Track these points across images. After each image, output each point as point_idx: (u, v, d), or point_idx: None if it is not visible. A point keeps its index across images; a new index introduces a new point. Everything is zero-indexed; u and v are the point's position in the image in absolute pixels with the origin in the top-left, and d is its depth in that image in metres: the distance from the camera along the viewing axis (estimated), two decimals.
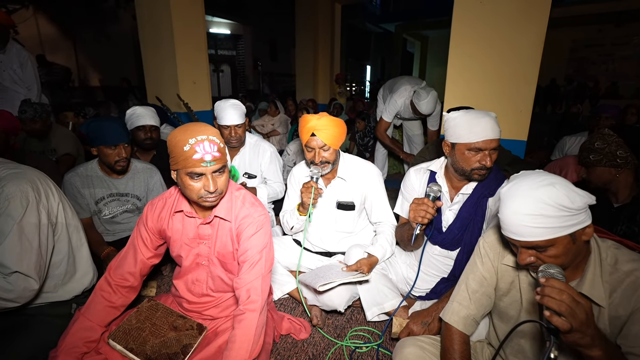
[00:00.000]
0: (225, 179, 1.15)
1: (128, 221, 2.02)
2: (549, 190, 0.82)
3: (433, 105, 2.98)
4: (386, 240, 1.75)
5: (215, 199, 1.14)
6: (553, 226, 0.82)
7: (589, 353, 0.77)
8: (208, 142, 1.06)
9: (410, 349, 1.15)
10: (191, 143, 1.04)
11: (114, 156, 1.80)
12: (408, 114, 3.29)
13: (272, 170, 2.38)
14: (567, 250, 0.86)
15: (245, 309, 1.13)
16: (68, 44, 8.41)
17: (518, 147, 2.38)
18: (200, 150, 1.04)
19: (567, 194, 0.81)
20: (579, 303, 0.75)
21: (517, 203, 0.86)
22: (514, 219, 0.86)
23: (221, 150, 1.10)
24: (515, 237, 0.89)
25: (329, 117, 1.65)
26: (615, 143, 1.57)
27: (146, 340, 1.23)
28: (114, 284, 1.28)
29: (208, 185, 1.08)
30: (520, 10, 2.24)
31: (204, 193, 1.10)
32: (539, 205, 0.82)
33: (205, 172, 1.07)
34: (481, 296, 1.11)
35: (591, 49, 11.83)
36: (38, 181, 1.29)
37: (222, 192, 1.14)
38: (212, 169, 1.08)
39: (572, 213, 0.81)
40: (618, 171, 1.60)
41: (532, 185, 0.85)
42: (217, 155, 1.08)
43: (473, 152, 1.39)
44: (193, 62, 3.91)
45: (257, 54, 12.35)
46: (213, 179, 1.09)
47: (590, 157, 1.63)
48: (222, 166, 1.11)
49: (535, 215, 0.83)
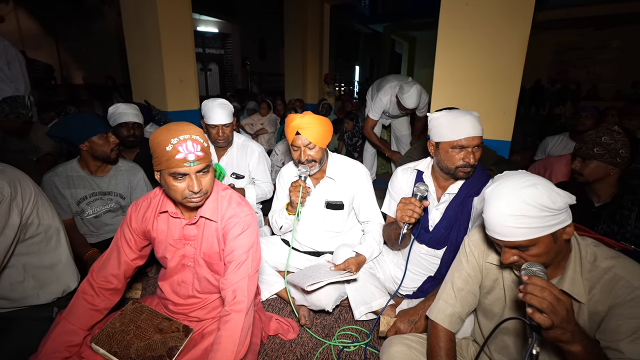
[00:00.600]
0: (210, 179, 1.13)
1: (112, 222, 1.98)
2: (531, 191, 0.84)
3: (416, 99, 2.98)
4: (374, 239, 1.76)
5: (200, 199, 1.12)
6: (535, 226, 0.84)
7: (569, 348, 0.80)
8: (191, 141, 1.04)
9: (397, 347, 1.16)
10: (173, 143, 1.02)
11: (108, 145, 1.80)
12: (395, 110, 3.30)
13: (260, 170, 2.37)
14: (549, 249, 0.88)
15: (231, 309, 1.11)
16: (50, 41, 8.19)
17: (502, 147, 2.43)
18: (183, 150, 1.02)
19: (548, 195, 0.83)
20: (560, 300, 0.77)
21: (500, 204, 0.87)
22: (497, 219, 0.88)
23: (205, 149, 1.08)
24: (498, 237, 0.90)
25: (313, 115, 1.66)
26: (621, 142, 1.56)
27: (130, 344, 1.21)
28: (96, 287, 1.25)
29: (192, 185, 1.06)
30: (504, 14, 2.28)
31: (189, 193, 1.08)
32: (521, 206, 0.84)
33: (189, 172, 1.06)
34: (466, 294, 1.13)
35: (573, 52, 12.16)
36: (17, 180, 1.25)
37: (207, 192, 1.13)
38: (196, 168, 1.06)
39: (553, 213, 0.83)
40: (613, 169, 1.60)
41: (515, 186, 0.87)
42: (201, 154, 1.06)
43: (457, 150, 1.41)
44: (180, 60, 3.84)
45: (245, 53, 12.28)
46: (197, 179, 1.08)
47: (595, 149, 1.59)
48: (206, 166, 1.09)
49: (518, 215, 0.84)
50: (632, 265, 0.89)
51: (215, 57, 12.19)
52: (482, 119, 1.46)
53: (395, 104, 3.22)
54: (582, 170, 1.65)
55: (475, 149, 1.41)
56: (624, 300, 0.86)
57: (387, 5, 14.19)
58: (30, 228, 1.31)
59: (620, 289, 0.87)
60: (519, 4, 2.24)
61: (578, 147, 1.68)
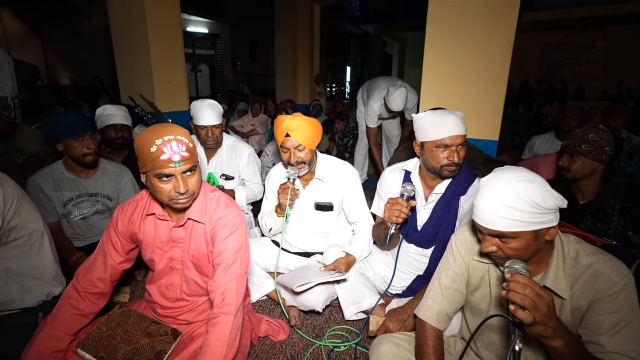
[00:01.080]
0: (197, 180, 1.12)
1: (100, 224, 1.95)
2: (526, 185, 0.86)
3: (401, 101, 3.01)
4: (363, 239, 1.77)
5: (187, 201, 1.11)
6: (521, 220, 0.86)
7: (551, 343, 0.81)
8: (175, 142, 1.03)
9: (386, 346, 1.17)
10: (158, 144, 1.01)
11: (81, 148, 1.74)
12: (386, 113, 3.34)
13: (250, 172, 2.36)
14: (528, 245, 0.90)
15: (220, 312, 1.11)
16: (36, 41, 8.04)
17: (490, 147, 2.46)
18: (168, 151, 1.02)
19: (541, 193, 0.85)
20: (541, 297, 0.78)
21: (494, 192, 0.89)
22: (487, 206, 0.90)
23: (190, 150, 1.07)
24: (483, 224, 0.92)
25: (303, 117, 1.66)
26: (606, 139, 1.60)
27: (117, 348, 1.19)
28: (82, 291, 1.23)
29: (178, 186, 1.05)
30: (490, 15, 2.31)
31: (175, 195, 1.07)
32: (513, 198, 0.86)
33: (175, 173, 1.05)
34: (453, 292, 1.15)
35: (559, 52, 12.39)
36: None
37: (194, 193, 1.12)
38: (182, 169, 1.05)
39: (541, 211, 0.85)
40: (599, 166, 1.63)
41: (512, 178, 0.89)
42: (186, 155, 1.05)
43: (441, 149, 1.43)
44: (169, 60, 3.81)
45: (236, 54, 12.20)
46: (183, 180, 1.07)
47: (583, 146, 1.63)
48: (192, 166, 1.09)
49: (507, 206, 0.86)
50: (612, 261, 0.91)
51: (206, 58, 12.09)
52: (470, 118, 1.48)
53: (384, 107, 3.26)
54: (570, 167, 1.67)
55: (460, 147, 1.43)
56: (604, 296, 0.88)
57: (377, 6, 14.26)
58: (13, 232, 1.29)
59: (600, 284, 0.89)
60: (504, 5, 2.27)
61: (566, 144, 1.70)
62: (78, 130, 1.72)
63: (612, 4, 9.94)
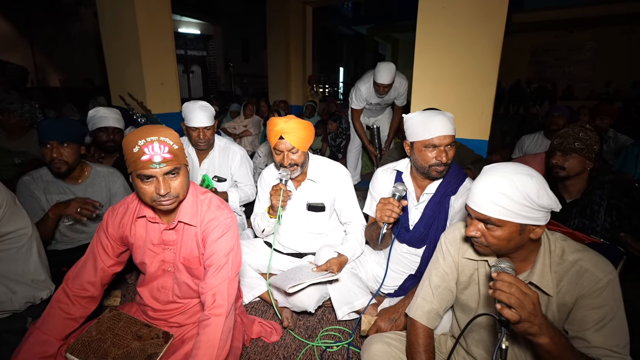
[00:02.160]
0: (182, 182, 1.11)
1: (88, 230, 1.92)
2: (525, 178, 0.88)
3: (389, 73, 2.99)
4: (356, 239, 1.78)
5: (170, 203, 1.10)
6: (511, 210, 0.88)
7: (537, 340, 0.82)
8: (158, 143, 1.03)
9: (377, 346, 1.18)
10: (140, 144, 1.01)
11: (47, 156, 1.65)
12: (375, 98, 3.29)
13: (242, 173, 2.35)
14: (511, 238, 0.91)
15: (211, 313, 1.10)
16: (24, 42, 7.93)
17: (480, 146, 2.49)
18: (149, 152, 1.01)
19: (537, 189, 0.87)
20: (527, 294, 0.79)
21: (492, 178, 0.91)
22: (482, 190, 0.92)
23: (174, 151, 1.06)
24: (473, 207, 0.94)
25: (297, 120, 1.66)
26: (594, 138, 1.63)
27: (108, 352, 1.18)
28: (72, 295, 1.22)
29: (159, 187, 1.05)
30: (479, 16, 2.34)
31: (156, 197, 1.07)
32: (508, 187, 0.88)
33: (156, 174, 1.04)
34: (443, 291, 1.16)
35: (549, 53, 12.58)
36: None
37: (177, 195, 1.11)
38: (163, 170, 1.05)
39: (533, 206, 0.87)
40: (589, 164, 1.66)
41: (513, 169, 0.91)
42: (168, 156, 1.04)
43: (430, 149, 1.45)
44: (160, 62, 3.78)
45: (228, 55, 12.17)
46: (165, 182, 1.06)
47: (576, 144, 1.64)
48: (175, 168, 1.07)
49: (501, 193, 0.88)
50: (597, 258, 0.93)
51: (198, 59, 12.05)
52: (460, 119, 1.50)
53: (373, 90, 3.22)
54: (564, 164, 1.68)
55: (448, 147, 1.45)
56: (589, 292, 0.90)
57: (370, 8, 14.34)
58: (1, 235, 1.27)
59: (586, 281, 0.91)
60: (493, 6, 2.31)
61: (558, 142, 1.70)
62: (42, 137, 1.63)
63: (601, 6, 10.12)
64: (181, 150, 1.10)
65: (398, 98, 3.37)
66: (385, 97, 3.30)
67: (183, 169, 1.12)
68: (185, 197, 1.18)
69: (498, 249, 0.94)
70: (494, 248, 0.95)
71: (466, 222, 1.04)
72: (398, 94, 3.32)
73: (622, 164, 2.53)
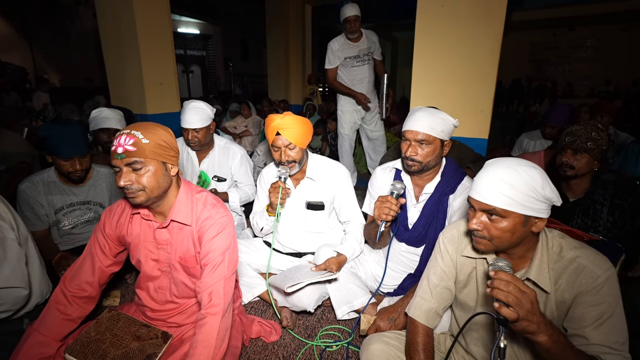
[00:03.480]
0: (149, 177, 1.08)
1: (89, 231, 1.93)
2: (530, 169, 0.89)
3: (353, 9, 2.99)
4: (355, 239, 1.77)
5: (136, 196, 1.08)
6: (516, 200, 0.87)
7: (535, 339, 0.82)
8: (126, 135, 1.05)
9: (376, 345, 1.17)
10: (116, 136, 1.07)
11: (67, 167, 1.71)
12: (350, 49, 3.20)
13: (242, 173, 2.35)
14: (515, 230, 0.91)
15: (207, 312, 1.10)
16: (23, 43, 7.93)
17: (480, 145, 2.48)
18: (116, 143, 1.05)
19: (542, 180, 0.88)
20: (525, 293, 0.79)
21: (498, 169, 0.91)
22: (487, 180, 0.91)
23: (141, 145, 1.05)
24: (478, 198, 0.93)
25: (293, 116, 1.66)
26: (604, 139, 1.60)
27: (106, 353, 1.18)
28: (69, 295, 1.22)
29: (119, 179, 1.06)
30: (478, 14, 2.33)
31: (120, 188, 1.08)
32: (515, 176, 0.88)
33: (119, 165, 1.06)
34: (442, 290, 1.15)
35: (549, 51, 12.56)
36: None
37: (143, 189, 1.08)
38: (124, 161, 1.05)
39: (537, 197, 0.87)
40: (596, 165, 1.62)
41: (518, 162, 0.92)
42: (130, 149, 1.04)
43: (404, 141, 1.49)
44: (159, 62, 3.77)
45: (228, 55, 12.16)
46: (126, 174, 1.06)
47: (588, 144, 1.59)
48: (136, 161, 1.05)
49: (507, 183, 0.88)
50: (595, 255, 0.93)
51: (197, 59, 12.04)
52: (460, 117, 1.50)
53: (346, 42, 3.17)
54: (573, 163, 1.63)
55: (419, 144, 1.45)
56: (588, 289, 0.89)
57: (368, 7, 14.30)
58: None
59: (584, 278, 0.90)
60: (492, 4, 2.29)
61: (570, 139, 1.63)
62: (65, 153, 1.67)
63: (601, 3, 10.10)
64: (157, 146, 1.08)
65: (374, 50, 3.26)
66: (360, 45, 3.18)
67: (154, 165, 1.08)
68: (162, 194, 1.15)
69: (500, 242, 0.93)
70: (496, 242, 0.94)
71: (467, 218, 1.03)
72: (372, 43, 3.23)
73: (623, 162, 2.52)
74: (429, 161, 1.47)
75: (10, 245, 1.22)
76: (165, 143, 1.11)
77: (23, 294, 1.24)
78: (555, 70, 12.58)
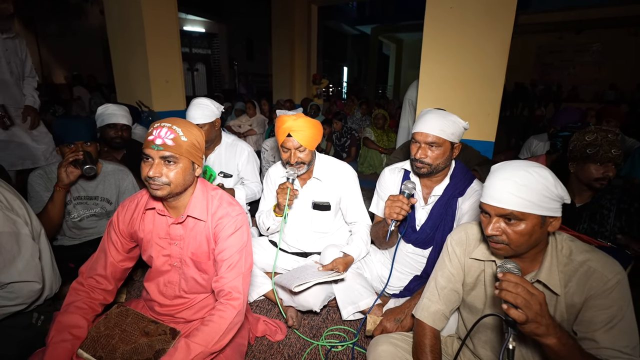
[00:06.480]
0: (178, 173, 1.10)
1: (96, 224, 1.94)
2: (541, 170, 0.89)
3: None
4: (361, 239, 1.78)
5: (159, 189, 1.09)
6: (532, 201, 0.87)
7: (544, 341, 0.82)
8: (167, 128, 1.07)
9: (383, 347, 1.18)
10: (154, 126, 1.08)
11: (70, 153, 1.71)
12: None
13: (249, 170, 2.36)
14: (533, 231, 0.90)
15: (228, 303, 1.14)
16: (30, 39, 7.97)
17: (486, 148, 2.48)
18: (155, 133, 1.06)
19: (554, 180, 0.88)
20: (533, 295, 0.79)
21: (510, 172, 0.91)
22: (501, 183, 0.91)
23: (180, 142, 1.08)
24: (494, 203, 0.92)
25: (306, 118, 1.66)
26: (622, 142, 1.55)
27: (116, 348, 1.19)
28: (87, 285, 1.25)
29: (150, 169, 1.07)
30: (486, 17, 2.33)
31: (148, 178, 1.09)
32: (528, 177, 0.88)
33: (152, 155, 1.07)
34: (449, 292, 1.16)
35: (554, 55, 12.51)
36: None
37: (169, 183, 1.10)
38: (159, 153, 1.07)
39: (551, 197, 0.87)
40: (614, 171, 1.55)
41: (526, 164, 0.92)
42: (170, 143, 1.06)
43: (414, 143, 1.49)
44: (165, 59, 3.80)
45: (233, 53, 12.18)
46: (158, 166, 1.07)
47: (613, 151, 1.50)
48: (172, 155, 1.08)
49: (522, 184, 0.88)
50: (605, 259, 0.93)
51: (203, 57, 12.07)
52: (467, 120, 1.50)
53: None
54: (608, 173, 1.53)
55: (429, 147, 1.46)
56: (598, 292, 0.90)
57: (374, 7, 14.31)
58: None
59: (594, 281, 0.90)
60: (500, 8, 2.30)
61: (592, 151, 1.53)
62: (68, 138, 1.71)
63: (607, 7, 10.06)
64: (192, 146, 1.12)
65: None
66: None
67: (185, 162, 1.11)
68: (183, 191, 1.17)
69: (518, 245, 0.92)
70: (514, 245, 0.93)
71: (479, 222, 1.03)
72: None
73: (631, 168, 2.51)
74: (438, 164, 1.47)
75: (24, 241, 1.24)
76: (199, 144, 1.15)
77: (37, 287, 1.27)
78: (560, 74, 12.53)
